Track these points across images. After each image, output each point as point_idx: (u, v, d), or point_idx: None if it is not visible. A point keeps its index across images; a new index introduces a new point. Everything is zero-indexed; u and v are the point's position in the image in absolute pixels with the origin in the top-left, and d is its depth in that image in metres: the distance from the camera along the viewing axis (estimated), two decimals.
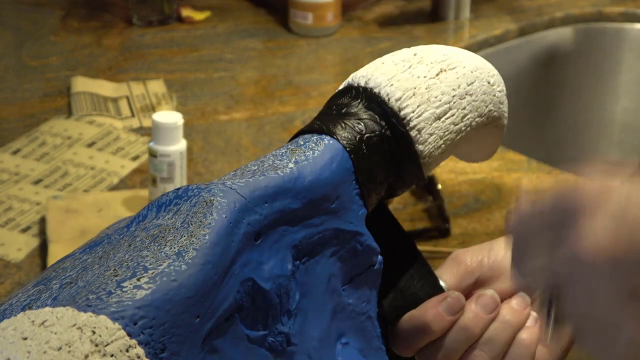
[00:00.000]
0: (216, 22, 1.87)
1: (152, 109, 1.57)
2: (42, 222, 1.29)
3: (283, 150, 0.69)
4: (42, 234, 1.27)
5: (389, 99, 0.73)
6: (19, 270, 1.22)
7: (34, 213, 1.31)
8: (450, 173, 1.41)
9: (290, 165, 0.67)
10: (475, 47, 1.79)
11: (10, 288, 1.18)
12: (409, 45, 0.79)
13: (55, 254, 1.21)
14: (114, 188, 1.38)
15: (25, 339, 0.53)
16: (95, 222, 1.26)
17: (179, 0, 1.89)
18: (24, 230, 1.28)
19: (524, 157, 1.47)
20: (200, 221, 0.60)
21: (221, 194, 0.62)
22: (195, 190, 0.62)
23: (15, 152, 1.45)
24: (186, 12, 1.88)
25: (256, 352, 0.63)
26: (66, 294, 0.57)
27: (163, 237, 0.60)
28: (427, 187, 1.35)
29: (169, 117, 1.25)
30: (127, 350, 0.54)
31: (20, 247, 1.25)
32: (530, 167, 1.44)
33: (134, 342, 0.54)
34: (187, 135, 1.34)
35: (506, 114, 0.81)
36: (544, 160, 1.49)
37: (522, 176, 1.42)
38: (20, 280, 1.20)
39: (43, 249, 1.24)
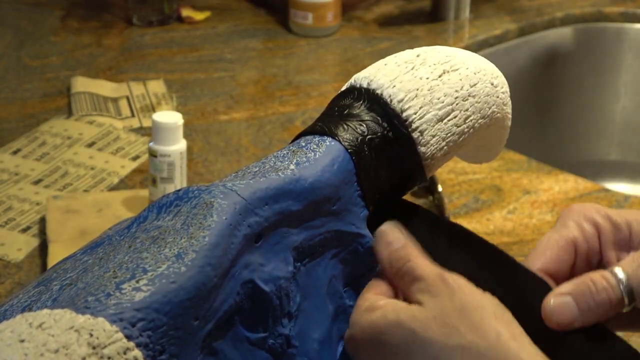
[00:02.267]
0: (216, 22, 1.87)
1: (152, 109, 1.57)
2: (42, 222, 1.29)
3: (284, 152, 0.69)
4: (42, 234, 1.27)
5: (391, 101, 0.73)
6: (19, 270, 1.21)
7: (34, 213, 1.31)
8: (450, 173, 1.41)
9: (292, 166, 0.67)
10: (475, 47, 1.79)
11: (10, 288, 1.18)
12: (409, 45, 0.79)
13: (55, 254, 1.21)
14: (114, 188, 1.38)
15: (22, 341, 0.53)
16: (95, 222, 1.26)
17: (179, 0, 1.89)
18: (24, 230, 1.28)
19: (524, 157, 1.47)
20: (200, 223, 0.60)
21: (221, 196, 0.62)
22: (196, 191, 0.62)
23: (15, 152, 1.45)
24: (186, 12, 1.88)
25: (256, 354, 0.63)
26: (66, 295, 0.57)
27: (163, 238, 0.59)
28: (427, 187, 1.35)
29: (169, 117, 1.25)
30: (124, 353, 0.54)
31: (20, 247, 1.25)
32: (530, 167, 1.44)
33: (131, 344, 0.54)
34: (187, 135, 1.34)
35: (510, 116, 0.81)
36: (544, 160, 1.49)
37: (522, 176, 1.42)
38: (20, 280, 1.20)
39: (43, 249, 1.24)
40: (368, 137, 0.72)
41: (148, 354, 0.55)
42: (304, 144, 0.70)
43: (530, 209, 1.34)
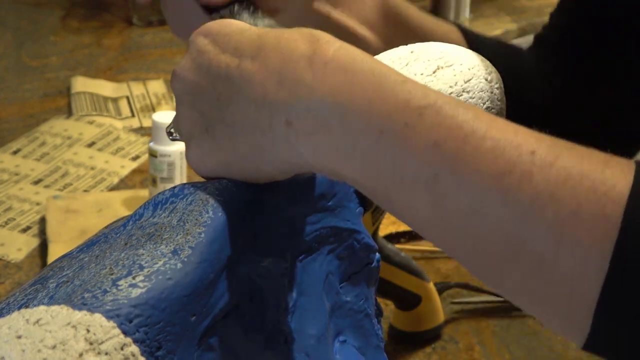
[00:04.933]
0: None
1: (152, 109, 1.57)
2: (42, 222, 1.29)
3: None
4: (42, 234, 1.27)
5: None
6: (19, 270, 1.21)
7: (34, 213, 1.31)
8: None
9: None
10: None
11: (10, 288, 1.18)
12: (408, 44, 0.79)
13: (55, 254, 1.21)
14: (114, 188, 1.38)
15: (19, 337, 0.53)
16: (95, 222, 1.26)
17: None
18: (24, 230, 1.28)
19: None
20: (196, 219, 0.60)
21: (217, 192, 0.62)
22: (192, 188, 0.62)
23: (15, 152, 1.45)
24: None
25: (253, 350, 0.63)
26: (62, 292, 0.57)
27: (159, 235, 0.60)
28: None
29: (169, 117, 1.25)
30: (121, 349, 0.54)
31: (20, 247, 1.25)
32: None
33: (128, 340, 0.54)
34: None
35: (504, 112, 0.81)
36: None
37: None
38: (20, 280, 1.20)
39: (43, 249, 1.24)
40: None
41: (145, 349, 0.55)
42: None
43: None
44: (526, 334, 1.13)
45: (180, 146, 1.25)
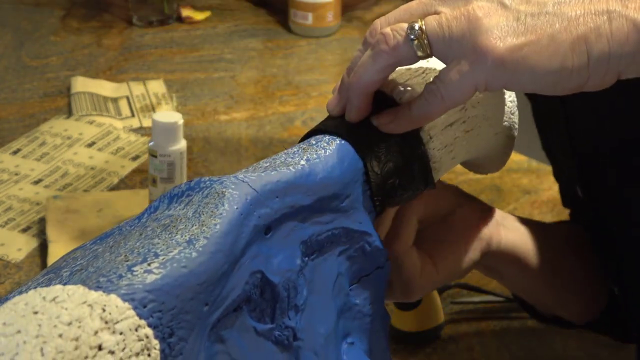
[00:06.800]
0: (216, 22, 1.88)
1: (152, 109, 1.57)
2: (42, 222, 1.29)
3: (295, 149, 0.70)
4: (42, 234, 1.27)
5: (401, 103, 0.73)
6: (19, 270, 1.21)
7: (34, 213, 1.31)
8: (450, 173, 1.41)
9: (302, 162, 0.68)
10: None
11: (10, 288, 1.18)
12: None
13: (55, 254, 1.21)
14: (114, 188, 1.38)
15: (36, 313, 0.54)
16: (95, 222, 1.26)
17: (179, 0, 1.89)
18: (24, 230, 1.28)
19: (524, 157, 1.47)
20: (212, 211, 0.61)
21: (233, 186, 0.63)
22: (208, 182, 0.63)
23: (15, 152, 1.45)
24: (186, 12, 1.88)
25: (262, 345, 0.64)
26: (76, 279, 0.58)
27: (174, 226, 0.61)
28: None
29: (169, 117, 1.25)
30: (136, 330, 0.55)
31: (20, 247, 1.25)
32: (530, 167, 1.44)
33: (143, 322, 0.56)
34: (187, 135, 1.34)
35: (516, 125, 0.81)
36: (544, 161, 1.49)
37: (522, 176, 1.42)
38: (20, 280, 1.20)
39: (43, 249, 1.24)
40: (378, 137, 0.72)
41: (157, 335, 0.56)
42: (314, 142, 0.70)
43: (530, 209, 1.34)
44: (526, 334, 1.13)
45: (180, 146, 1.25)
